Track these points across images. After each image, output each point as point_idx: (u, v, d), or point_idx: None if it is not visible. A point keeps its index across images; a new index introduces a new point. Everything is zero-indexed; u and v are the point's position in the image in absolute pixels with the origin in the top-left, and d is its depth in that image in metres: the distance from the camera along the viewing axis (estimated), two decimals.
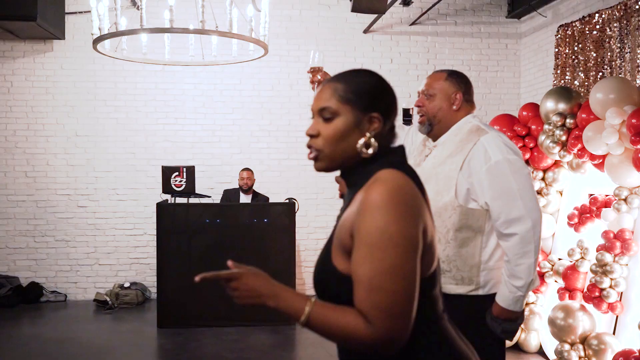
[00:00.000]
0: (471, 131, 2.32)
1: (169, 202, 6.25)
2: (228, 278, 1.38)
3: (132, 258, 7.36)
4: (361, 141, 1.40)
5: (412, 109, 4.71)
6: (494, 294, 2.26)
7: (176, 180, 6.07)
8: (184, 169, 6.05)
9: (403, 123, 4.72)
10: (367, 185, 1.34)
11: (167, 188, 6.14)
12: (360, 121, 1.41)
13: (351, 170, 1.44)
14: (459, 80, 2.40)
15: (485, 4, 7.74)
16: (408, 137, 2.78)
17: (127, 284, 7.10)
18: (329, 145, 1.42)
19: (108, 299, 6.83)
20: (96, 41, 4.10)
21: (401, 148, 1.47)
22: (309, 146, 1.46)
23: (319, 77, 2.76)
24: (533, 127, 5.24)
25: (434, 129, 2.40)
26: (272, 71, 7.46)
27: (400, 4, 6.99)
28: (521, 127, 5.30)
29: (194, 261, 6.00)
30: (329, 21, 7.50)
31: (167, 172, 6.13)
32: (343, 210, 1.45)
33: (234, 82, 7.41)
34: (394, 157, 1.44)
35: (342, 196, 2.12)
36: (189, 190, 6.06)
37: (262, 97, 7.46)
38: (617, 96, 4.18)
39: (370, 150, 1.40)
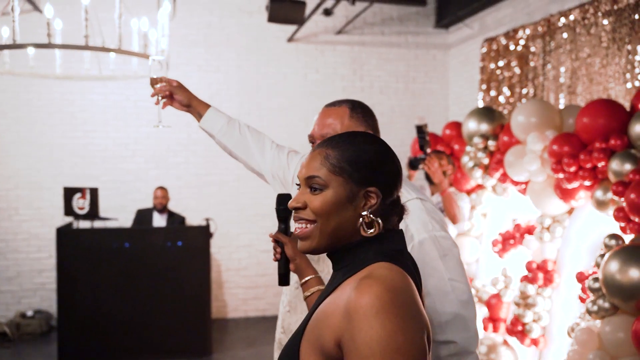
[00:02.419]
0: None
1: (73, 225, 5.72)
2: None
3: (37, 283, 6.76)
4: (361, 219, 1.21)
5: (426, 125, 4.31)
6: None
7: (78, 203, 5.56)
8: (87, 191, 5.55)
9: (419, 144, 4.29)
10: (358, 278, 1.12)
11: (69, 210, 5.62)
12: (354, 196, 1.20)
13: (340, 252, 1.24)
14: (365, 115, 1.79)
15: (412, 14, 7.52)
16: (289, 162, 2.11)
17: (30, 312, 6.51)
18: (320, 219, 1.22)
19: (7, 330, 6.24)
20: None
21: (400, 233, 1.26)
22: (298, 219, 1.25)
23: (158, 87, 2.16)
24: (456, 147, 5.02)
25: None
26: (191, 82, 6.96)
27: (321, 14, 6.67)
28: (444, 147, 5.07)
29: (100, 289, 5.52)
30: (251, 29, 7.11)
31: (69, 193, 5.61)
32: (325, 294, 1.21)
33: (148, 93, 6.88)
34: (391, 245, 1.22)
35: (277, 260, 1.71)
36: (92, 214, 5.56)
37: None
38: (539, 120, 3.98)
39: (372, 231, 1.21)
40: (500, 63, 5.66)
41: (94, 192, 5.55)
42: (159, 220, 6.35)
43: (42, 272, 6.76)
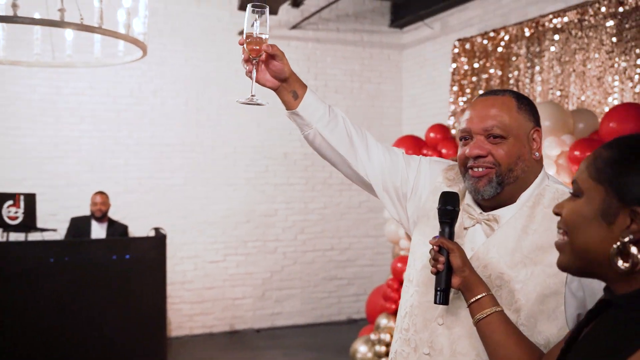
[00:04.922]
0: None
1: (1, 238, 4.89)
2: None
3: None
4: (615, 245, 0.91)
5: None
6: None
7: (10, 211, 4.74)
8: (21, 197, 4.75)
9: None
10: None
11: None
12: (609, 212, 0.93)
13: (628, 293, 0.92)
14: (531, 108, 1.48)
15: (368, 11, 7.22)
16: (419, 174, 1.61)
17: None
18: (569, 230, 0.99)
19: None
20: None
21: None
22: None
23: (265, 46, 1.53)
24: (444, 150, 4.74)
25: (503, 191, 1.42)
26: (132, 74, 6.28)
27: (289, 4, 6.20)
28: (431, 151, 4.79)
29: (38, 310, 4.73)
30: (199, 19, 6.50)
31: None
32: (618, 346, 0.88)
33: (83, 86, 6.13)
34: None
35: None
36: (28, 224, 4.77)
37: (118, 104, 6.26)
38: (553, 124, 3.77)
39: (625, 265, 0.90)
40: (476, 64, 5.47)
41: (29, 199, 4.76)
42: (97, 230, 5.61)
43: None
